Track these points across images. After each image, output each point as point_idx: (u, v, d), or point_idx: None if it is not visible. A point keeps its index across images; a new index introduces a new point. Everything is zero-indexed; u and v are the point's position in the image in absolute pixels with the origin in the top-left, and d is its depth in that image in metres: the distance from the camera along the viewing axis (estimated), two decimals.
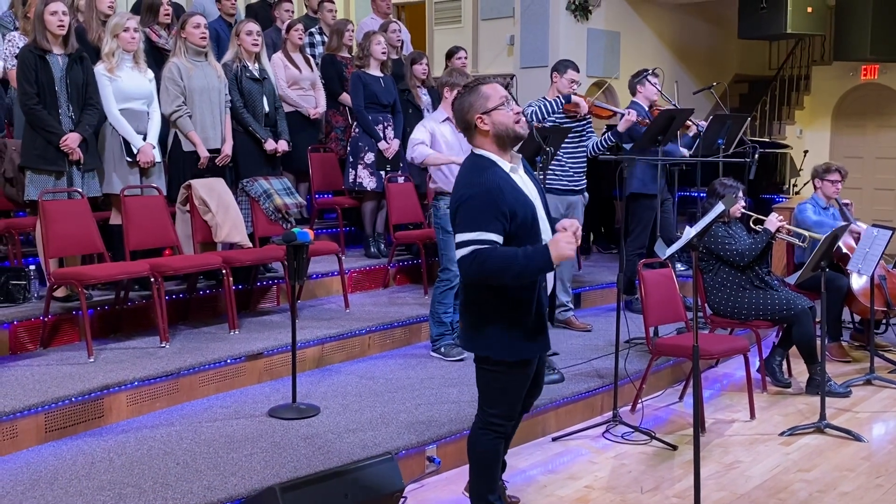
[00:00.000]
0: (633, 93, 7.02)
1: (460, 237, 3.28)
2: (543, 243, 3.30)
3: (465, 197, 3.30)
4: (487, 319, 3.40)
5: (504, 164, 3.39)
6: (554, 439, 5.00)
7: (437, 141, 5.68)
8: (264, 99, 6.38)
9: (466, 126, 3.43)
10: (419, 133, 5.71)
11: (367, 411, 4.76)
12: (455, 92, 5.58)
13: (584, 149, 6.50)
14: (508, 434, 3.70)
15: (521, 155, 3.53)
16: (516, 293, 3.35)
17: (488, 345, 3.42)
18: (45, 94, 5.32)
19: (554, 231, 3.44)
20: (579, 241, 3.29)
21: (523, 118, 3.44)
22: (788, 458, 4.77)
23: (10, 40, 5.95)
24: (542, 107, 6.30)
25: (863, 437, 5.04)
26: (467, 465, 3.68)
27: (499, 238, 3.25)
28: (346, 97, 7.50)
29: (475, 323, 3.44)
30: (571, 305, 6.68)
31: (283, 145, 6.48)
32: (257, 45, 6.34)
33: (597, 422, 5.20)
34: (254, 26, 6.34)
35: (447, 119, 5.73)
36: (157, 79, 5.90)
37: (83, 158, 5.42)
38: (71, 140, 5.34)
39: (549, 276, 3.53)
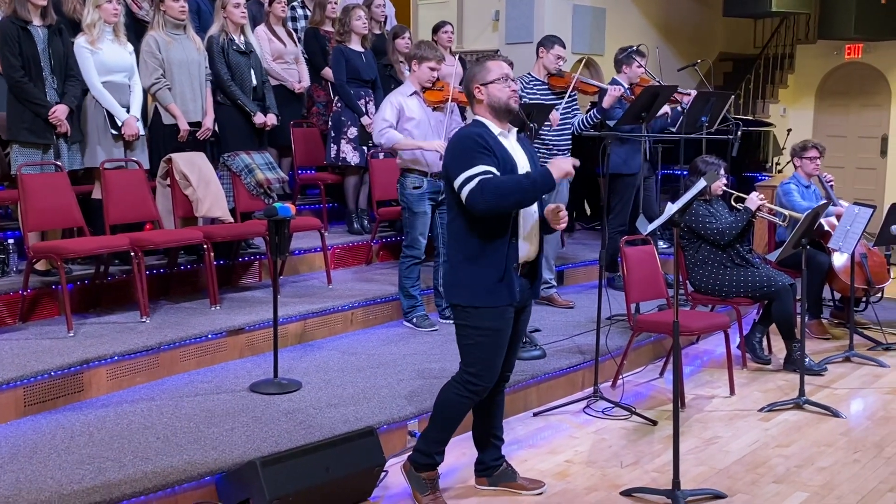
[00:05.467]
0: (619, 69, 6.99)
1: (460, 178, 3.48)
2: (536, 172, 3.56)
3: (453, 145, 3.60)
4: (460, 269, 3.64)
5: (494, 128, 3.64)
6: (535, 414, 5.02)
7: (403, 116, 5.66)
8: (252, 72, 6.33)
9: (468, 94, 3.73)
10: (386, 112, 5.67)
11: (349, 386, 4.77)
12: (422, 65, 5.63)
13: (569, 126, 6.47)
14: (482, 398, 3.76)
15: (516, 129, 3.77)
16: (487, 246, 3.55)
17: (459, 293, 3.64)
18: (30, 66, 5.25)
19: (542, 211, 3.68)
20: (566, 222, 3.63)
21: (517, 96, 3.68)
22: (767, 434, 4.81)
23: None
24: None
25: (841, 413, 5.08)
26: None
27: (494, 170, 3.48)
28: (328, 72, 7.44)
29: (452, 273, 3.70)
30: (554, 283, 6.69)
31: (271, 119, 6.45)
32: (245, 17, 6.28)
33: (578, 397, 5.23)
34: None
35: (415, 93, 5.70)
36: (138, 52, 5.83)
37: (70, 131, 5.37)
38: (59, 112, 5.29)
39: (532, 236, 3.66)
